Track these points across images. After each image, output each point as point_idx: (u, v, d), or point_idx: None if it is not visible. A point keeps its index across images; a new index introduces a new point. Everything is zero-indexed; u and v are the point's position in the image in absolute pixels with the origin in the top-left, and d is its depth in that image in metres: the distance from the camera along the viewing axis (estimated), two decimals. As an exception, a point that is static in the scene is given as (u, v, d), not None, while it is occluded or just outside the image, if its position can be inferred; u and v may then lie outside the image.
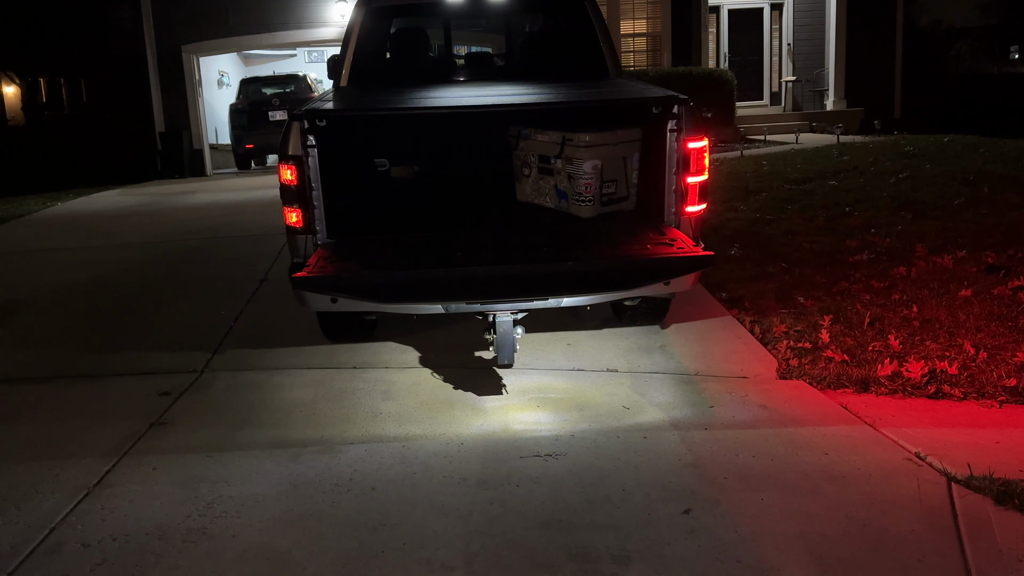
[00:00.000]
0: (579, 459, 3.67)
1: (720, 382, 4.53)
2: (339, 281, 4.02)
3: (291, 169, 4.20)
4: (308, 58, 25.36)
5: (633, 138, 4.77)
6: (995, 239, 6.83)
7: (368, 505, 3.35)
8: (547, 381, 4.61)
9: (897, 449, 3.67)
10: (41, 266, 8.21)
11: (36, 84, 18.82)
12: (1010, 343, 4.71)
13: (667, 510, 3.23)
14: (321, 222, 4.30)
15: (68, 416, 4.40)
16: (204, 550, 3.09)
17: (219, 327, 5.70)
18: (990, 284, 5.71)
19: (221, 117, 20.65)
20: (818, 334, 4.98)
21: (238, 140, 18.27)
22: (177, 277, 7.39)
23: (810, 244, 7.20)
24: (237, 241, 8.84)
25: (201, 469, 3.71)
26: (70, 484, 3.60)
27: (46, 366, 5.21)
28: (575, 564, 2.92)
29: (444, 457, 3.73)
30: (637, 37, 18.70)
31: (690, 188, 4.40)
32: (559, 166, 4.77)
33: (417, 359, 4.99)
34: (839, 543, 2.99)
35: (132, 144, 17.33)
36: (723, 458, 3.64)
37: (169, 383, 4.73)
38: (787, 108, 19.36)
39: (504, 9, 6.81)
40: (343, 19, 15.94)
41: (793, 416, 4.07)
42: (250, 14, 17.53)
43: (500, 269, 4.08)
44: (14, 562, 3.05)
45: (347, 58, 5.90)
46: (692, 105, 4.33)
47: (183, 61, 17.69)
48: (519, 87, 5.49)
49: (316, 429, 4.09)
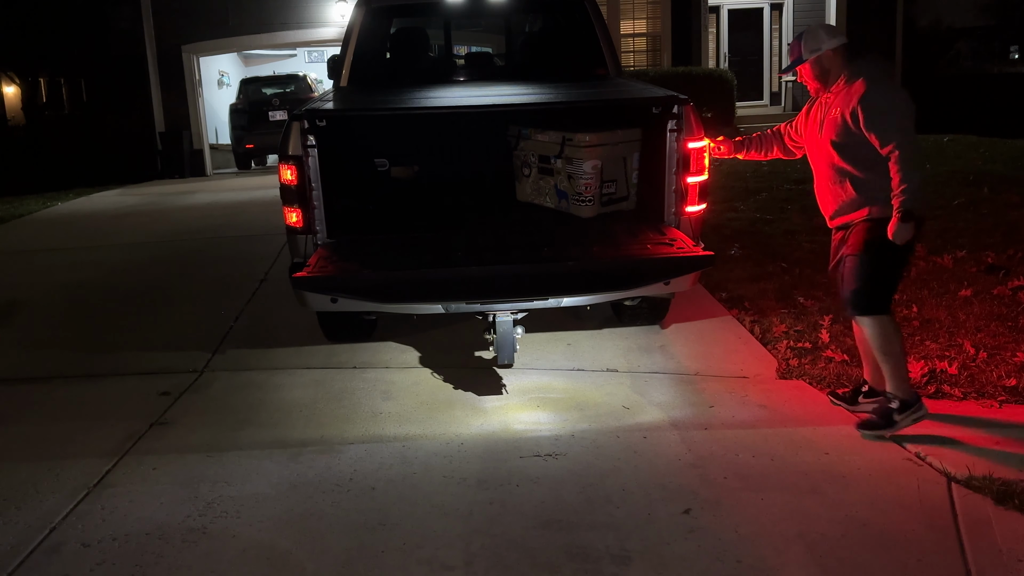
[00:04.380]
0: (579, 459, 3.67)
1: (720, 382, 4.53)
2: (339, 281, 4.02)
3: (291, 169, 4.20)
4: (308, 58, 25.34)
5: (633, 138, 4.77)
6: (995, 239, 6.82)
7: (368, 505, 3.35)
8: (547, 381, 4.61)
9: (897, 449, 3.66)
10: (41, 266, 8.21)
11: (36, 84, 18.81)
12: (1010, 343, 4.71)
13: (667, 510, 3.23)
14: (321, 222, 4.30)
15: (68, 416, 4.41)
16: (204, 550, 3.09)
17: (219, 327, 5.70)
18: (990, 284, 5.71)
19: (221, 117, 20.63)
20: (818, 334, 4.99)
21: (238, 140, 18.25)
22: (177, 277, 7.39)
23: (810, 244, 7.19)
24: (237, 241, 8.84)
25: (201, 469, 3.71)
26: (70, 484, 3.60)
27: (46, 366, 5.21)
28: (575, 564, 2.92)
29: (444, 457, 3.74)
30: (637, 37, 18.70)
31: (690, 188, 4.40)
32: (559, 166, 4.77)
33: (417, 359, 4.99)
34: (839, 543, 2.99)
35: (132, 144, 17.32)
36: (723, 458, 3.64)
37: (169, 383, 4.73)
38: (787, 108, 19.33)
39: (504, 9, 6.81)
40: (343, 19, 15.93)
41: (793, 416, 4.07)
42: (250, 14, 17.52)
43: (500, 269, 4.08)
44: (14, 562, 3.05)
45: (347, 58, 5.90)
46: (692, 105, 4.33)
47: (183, 61, 17.67)
48: (519, 87, 5.49)
49: (316, 429, 4.09)
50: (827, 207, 3.86)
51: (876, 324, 3.68)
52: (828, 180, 3.79)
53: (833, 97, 3.70)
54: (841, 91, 3.66)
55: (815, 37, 3.69)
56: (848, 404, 4.09)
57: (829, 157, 3.74)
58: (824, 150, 3.75)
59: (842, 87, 3.65)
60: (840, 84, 3.66)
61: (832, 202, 3.80)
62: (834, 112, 3.66)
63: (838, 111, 3.64)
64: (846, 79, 3.64)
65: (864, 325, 3.72)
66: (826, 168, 3.79)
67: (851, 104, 3.57)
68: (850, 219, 3.75)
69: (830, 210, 3.84)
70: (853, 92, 3.59)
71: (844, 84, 3.64)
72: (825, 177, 3.81)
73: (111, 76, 17.41)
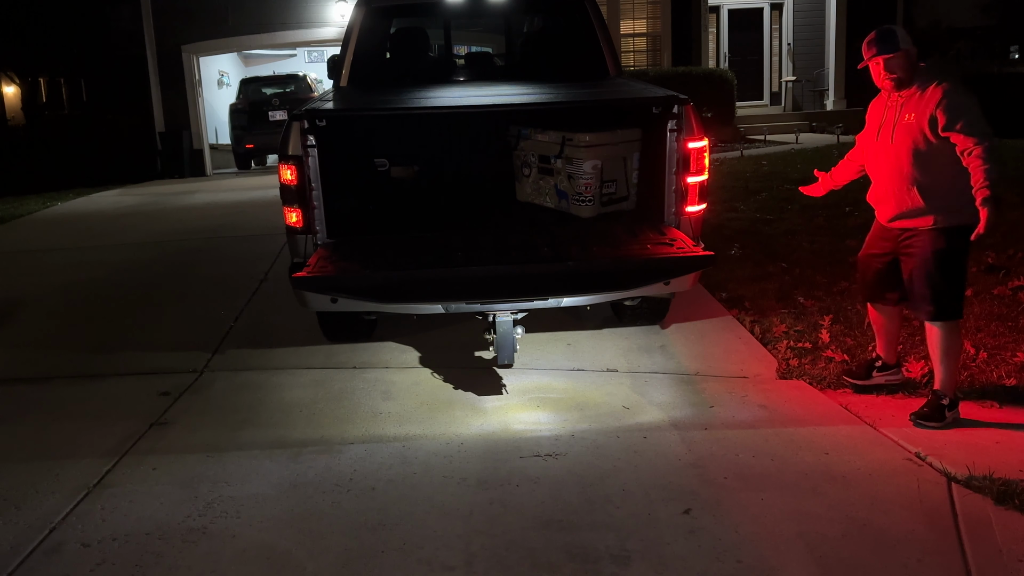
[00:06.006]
0: (579, 459, 3.67)
1: (720, 382, 4.53)
2: (339, 281, 4.02)
3: (291, 169, 4.20)
4: (308, 58, 25.34)
5: (633, 138, 4.77)
6: (995, 239, 6.81)
7: (368, 505, 3.35)
8: (547, 381, 4.61)
9: (897, 449, 3.67)
10: (41, 266, 8.21)
11: (36, 84, 18.81)
12: (1010, 343, 4.71)
13: (667, 510, 3.23)
14: (321, 222, 4.30)
15: (68, 416, 4.40)
16: (204, 550, 3.09)
17: (219, 327, 5.70)
18: (990, 284, 5.71)
19: (221, 117, 20.63)
20: (818, 334, 4.99)
21: (238, 140, 18.26)
22: (177, 277, 7.39)
23: (810, 244, 7.20)
24: (237, 241, 8.84)
25: (201, 469, 3.71)
26: (70, 484, 3.60)
27: (46, 366, 5.21)
28: (575, 564, 2.92)
29: (444, 457, 3.74)
30: (637, 37, 18.69)
31: (690, 188, 4.40)
32: (559, 166, 4.76)
33: (417, 359, 4.99)
34: (839, 543, 3.00)
35: (132, 144, 17.31)
36: (723, 458, 3.64)
37: (169, 383, 4.73)
38: (787, 108, 19.34)
39: (504, 9, 6.81)
40: (343, 19, 15.93)
41: (793, 416, 4.07)
42: (250, 14, 17.51)
43: (500, 269, 4.08)
44: (14, 562, 3.05)
45: (347, 58, 5.90)
46: (692, 105, 4.33)
47: (183, 61, 17.67)
48: (519, 87, 5.49)
49: (316, 429, 4.09)
50: (887, 210, 3.93)
51: (952, 327, 3.87)
52: (893, 185, 3.85)
53: (904, 101, 3.77)
54: (913, 95, 3.73)
55: (902, 34, 3.77)
56: (862, 379, 4.27)
57: (898, 163, 3.80)
58: (893, 155, 3.82)
59: (914, 92, 3.73)
60: (913, 89, 3.74)
61: (895, 207, 3.87)
62: (907, 118, 3.74)
63: (912, 117, 3.71)
64: (919, 84, 3.72)
65: (939, 328, 3.86)
66: (892, 173, 3.84)
67: (928, 109, 3.66)
68: (913, 225, 3.83)
69: (890, 214, 3.91)
70: (928, 97, 3.68)
71: (917, 89, 3.72)
72: (890, 182, 3.87)
73: (111, 76, 17.41)
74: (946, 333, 3.85)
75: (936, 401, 3.89)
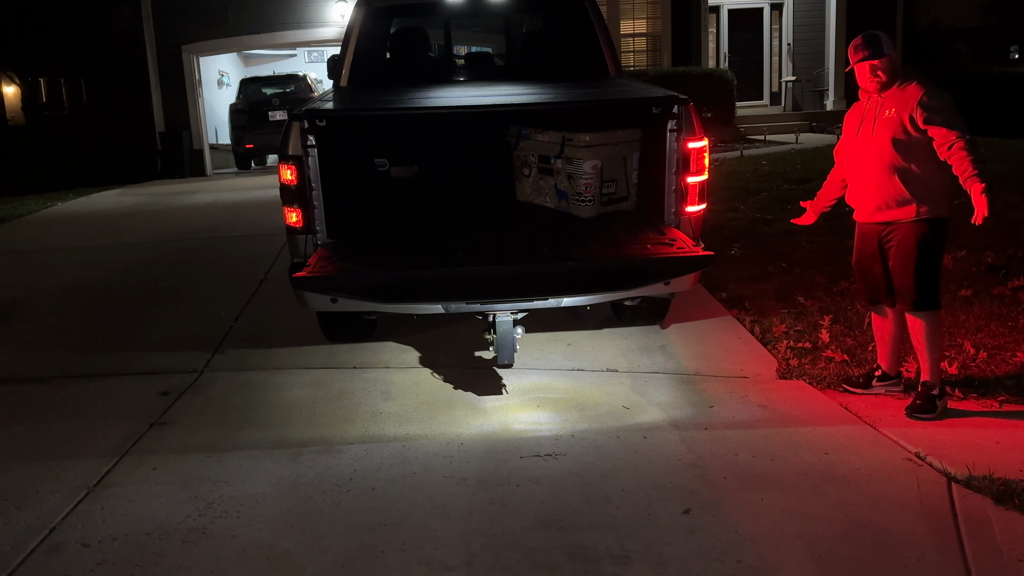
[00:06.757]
0: (579, 459, 3.67)
1: (720, 382, 4.53)
2: (339, 281, 4.02)
3: (291, 169, 4.20)
4: (308, 58, 25.33)
5: (633, 138, 4.77)
6: (995, 239, 6.82)
7: (368, 505, 3.35)
8: (547, 381, 4.61)
9: (897, 449, 3.67)
10: (41, 266, 8.22)
11: (36, 84, 18.79)
12: (1010, 343, 4.71)
13: (667, 510, 3.23)
14: (321, 222, 4.30)
15: (68, 416, 4.41)
16: (204, 550, 3.09)
17: (219, 327, 5.70)
18: (990, 284, 5.71)
19: (221, 117, 20.62)
20: (818, 334, 4.99)
21: (238, 140, 18.25)
22: (177, 277, 7.39)
23: (810, 244, 7.19)
24: (237, 241, 8.84)
25: (201, 469, 3.71)
26: (70, 484, 3.60)
27: (46, 366, 5.21)
28: (575, 564, 2.92)
29: (444, 457, 3.74)
30: (637, 37, 18.69)
31: (690, 188, 4.40)
32: (559, 166, 4.76)
33: (417, 359, 4.99)
34: (839, 543, 3.00)
35: (132, 144, 17.31)
36: (723, 458, 3.64)
37: (169, 383, 4.73)
38: (787, 108, 19.34)
39: (504, 9, 6.81)
40: (343, 19, 15.93)
41: (793, 416, 4.07)
42: (250, 14, 17.52)
43: (500, 269, 4.08)
44: (14, 562, 3.05)
45: (347, 58, 5.89)
46: (692, 105, 4.33)
47: (183, 61, 17.67)
48: (519, 87, 5.49)
49: (316, 429, 4.09)
50: (869, 203, 4.04)
51: (934, 317, 4.00)
52: (874, 177, 3.97)
53: (884, 100, 3.94)
54: (894, 94, 3.90)
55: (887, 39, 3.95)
56: (862, 388, 4.32)
57: (880, 154, 3.93)
58: (874, 148, 3.95)
59: (895, 91, 3.91)
60: (894, 89, 3.91)
61: (877, 197, 3.98)
62: (889, 112, 3.91)
63: (894, 111, 3.89)
64: (899, 84, 3.90)
65: (923, 319, 3.98)
66: (874, 165, 3.97)
67: (909, 106, 3.83)
68: (896, 216, 3.96)
69: (872, 206, 4.03)
70: (908, 95, 3.87)
71: (897, 88, 3.90)
72: (871, 174, 3.99)
73: (111, 76, 17.41)
74: (930, 323, 3.98)
75: (927, 392, 4.00)
